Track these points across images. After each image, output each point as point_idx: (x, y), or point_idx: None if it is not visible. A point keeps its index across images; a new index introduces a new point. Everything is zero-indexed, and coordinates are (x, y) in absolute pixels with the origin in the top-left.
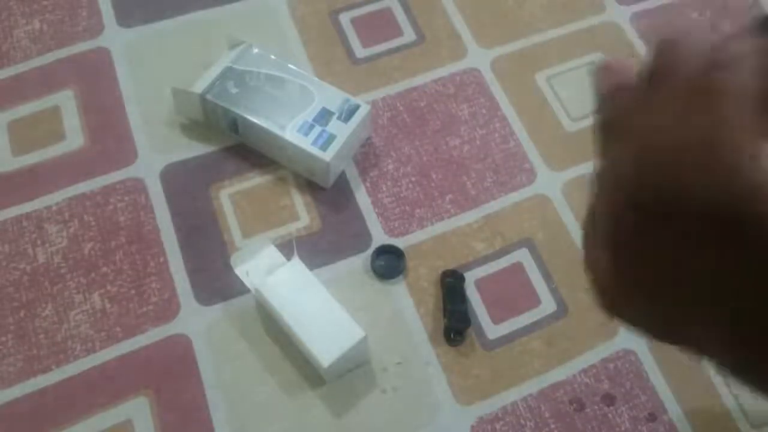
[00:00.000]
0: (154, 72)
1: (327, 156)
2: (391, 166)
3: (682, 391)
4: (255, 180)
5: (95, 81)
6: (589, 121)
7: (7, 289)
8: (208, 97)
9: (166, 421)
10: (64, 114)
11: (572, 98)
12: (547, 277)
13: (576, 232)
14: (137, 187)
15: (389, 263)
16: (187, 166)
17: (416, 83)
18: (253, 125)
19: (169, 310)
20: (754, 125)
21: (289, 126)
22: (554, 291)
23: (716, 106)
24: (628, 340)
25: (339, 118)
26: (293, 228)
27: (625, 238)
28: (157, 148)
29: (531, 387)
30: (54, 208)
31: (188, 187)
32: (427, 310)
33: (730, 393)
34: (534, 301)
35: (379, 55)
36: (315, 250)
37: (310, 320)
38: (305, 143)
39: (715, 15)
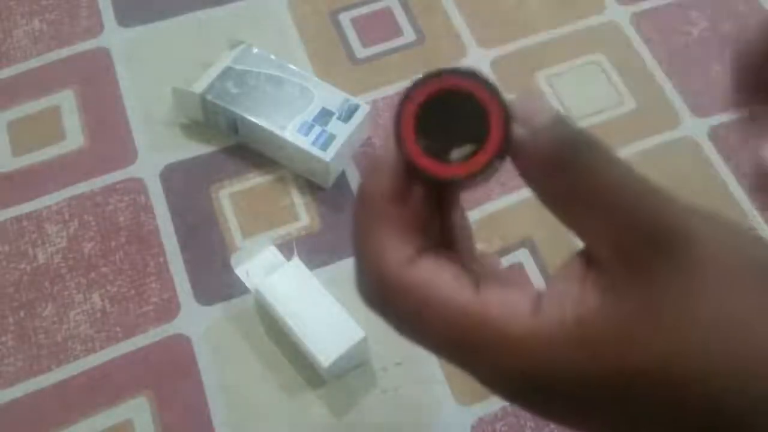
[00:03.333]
0: (154, 72)
1: (327, 156)
2: None
3: None
4: (255, 180)
5: (95, 81)
6: (588, 121)
7: (7, 289)
8: (208, 97)
9: (166, 421)
10: (64, 114)
11: (572, 98)
12: (547, 277)
13: None
14: (137, 187)
15: None
16: (187, 166)
17: None
18: (253, 125)
19: (169, 310)
20: None
21: (289, 126)
22: None
23: None
24: None
25: (339, 118)
26: (293, 228)
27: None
28: (157, 148)
29: None
30: (54, 208)
31: (188, 187)
32: None
33: None
34: None
35: (379, 55)
36: (315, 250)
37: (310, 320)
38: (305, 143)
39: (717, 15)
